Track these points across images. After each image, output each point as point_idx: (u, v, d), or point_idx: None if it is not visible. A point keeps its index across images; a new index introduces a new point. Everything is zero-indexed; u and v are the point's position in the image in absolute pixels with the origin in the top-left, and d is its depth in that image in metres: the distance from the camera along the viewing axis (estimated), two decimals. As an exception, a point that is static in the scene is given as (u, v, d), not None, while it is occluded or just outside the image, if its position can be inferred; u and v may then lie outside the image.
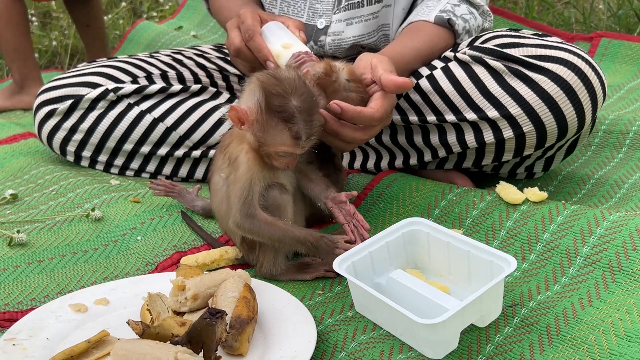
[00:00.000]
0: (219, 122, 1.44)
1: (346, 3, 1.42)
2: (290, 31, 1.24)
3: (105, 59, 1.63)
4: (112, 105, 1.46)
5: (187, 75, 1.56)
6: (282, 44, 1.21)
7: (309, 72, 1.14)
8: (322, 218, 1.28)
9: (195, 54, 1.62)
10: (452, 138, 1.30)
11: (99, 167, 1.51)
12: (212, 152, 1.45)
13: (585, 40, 2.08)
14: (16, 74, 2.10)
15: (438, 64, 1.32)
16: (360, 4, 1.41)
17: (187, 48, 1.65)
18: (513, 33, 1.32)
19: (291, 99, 1.00)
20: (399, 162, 1.42)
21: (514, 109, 1.21)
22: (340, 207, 1.11)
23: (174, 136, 1.45)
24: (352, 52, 1.51)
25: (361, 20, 1.44)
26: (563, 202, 1.19)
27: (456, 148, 1.31)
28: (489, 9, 1.44)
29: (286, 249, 1.10)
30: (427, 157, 1.37)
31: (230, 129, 1.15)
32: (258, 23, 1.23)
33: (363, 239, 1.07)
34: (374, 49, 1.52)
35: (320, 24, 1.44)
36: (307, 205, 1.20)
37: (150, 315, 0.98)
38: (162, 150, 1.47)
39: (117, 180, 1.46)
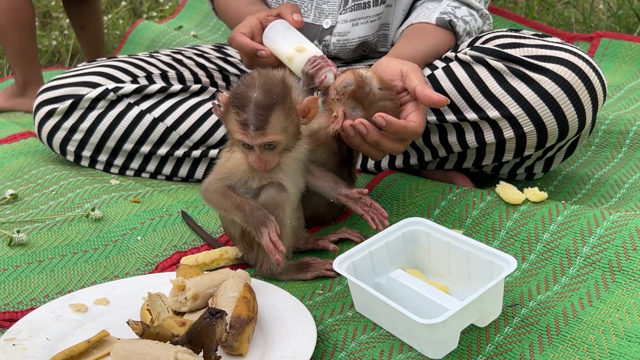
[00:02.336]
0: (219, 122, 1.44)
1: (353, 3, 1.42)
2: (296, 30, 1.24)
3: (105, 58, 1.63)
4: (112, 105, 1.46)
5: (187, 75, 1.56)
6: (294, 47, 1.20)
7: (326, 77, 1.14)
8: (323, 219, 1.28)
9: (195, 54, 1.62)
10: (452, 138, 1.30)
11: (99, 166, 1.51)
12: (212, 152, 1.46)
13: (585, 40, 2.08)
14: (19, 77, 2.09)
15: (439, 64, 1.33)
16: (367, 5, 1.41)
17: (187, 48, 1.65)
18: (513, 33, 1.32)
19: (252, 91, 1.00)
20: (399, 162, 1.42)
21: (515, 109, 1.21)
22: (355, 201, 1.12)
23: (174, 136, 1.45)
24: (356, 54, 1.51)
25: (367, 21, 1.44)
26: (563, 202, 1.19)
27: (456, 148, 1.31)
28: (488, 12, 1.45)
29: (229, 216, 1.10)
30: (427, 157, 1.37)
31: None
32: (251, 48, 1.24)
33: (384, 227, 1.08)
34: (373, 49, 1.52)
35: (326, 24, 1.44)
36: (307, 206, 1.20)
37: (150, 315, 0.98)
38: (162, 150, 1.47)
39: (117, 180, 1.46)
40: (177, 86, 1.49)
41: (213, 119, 1.45)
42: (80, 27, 2.35)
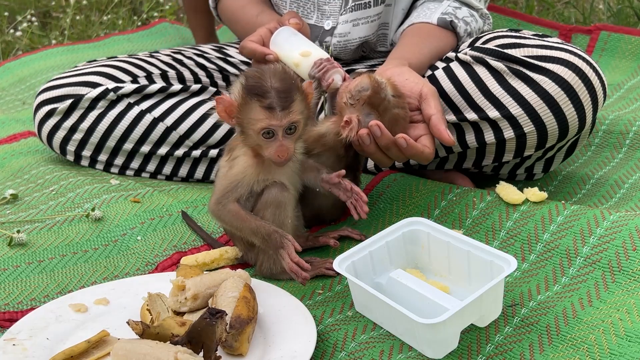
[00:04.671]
0: (219, 122, 1.44)
1: (353, 4, 1.42)
2: (301, 35, 1.24)
3: (105, 58, 1.63)
4: (112, 104, 1.46)
5: (187, 75, 1.56)
6: (300, 52, 1.20)
7: (333, 80, 1.14)
8: (323, 219, 1.28)
9: (195, 54, 1.62)
10: (452, 138, 1.30)
11: (99, 166, 1.51)
12: (212, 152, 1.46)
13: (584, 33, 2.05)
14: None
15: (439, 64, 1.33)
16: (368, 5, 1.41)
17: (187, 48, 1.66)
18: (514, 33, 1.32)
19: (267, 80, 1.02)
20: (399, 163, 1.42)
21: (515, 109, 1.22)
22: (336, 186, 1.12)
23: (174, 136, 1.45)
24: (356, 55, 1.51)
25: (367, 21, 1.44)
26: (563, 202, 1.19)
27: (456, 148, 1.31)
28: (487, 12, 1.45)
29: (245, 238, 1.10)
30: (427, 157, 1.37)
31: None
32: (260, 52, 1.24)
33: (366, 214, 1.09)
34: (372, 49, 1.52)
35: (327, 25, 1.45)
36: (310, 207, 1.20)
37: (150, 315, 0.98)
38: (162, 150, 1.47)
39: (117, 180, 1.46)
40: (177, 86, 1.49)
41: (213, 119, 1.45)
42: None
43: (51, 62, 2.30)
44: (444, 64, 1.32)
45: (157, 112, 1.45)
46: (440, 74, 1.29)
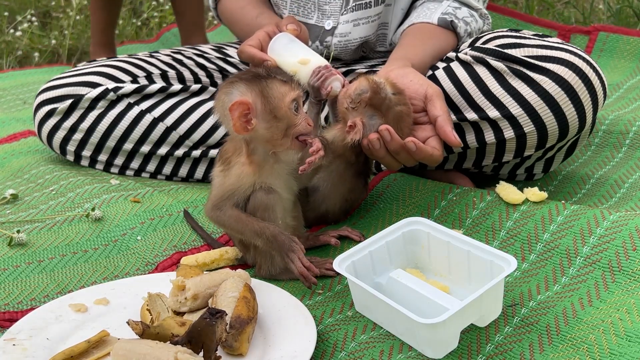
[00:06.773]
0: (219, 122, 1.44)
1: (354, 4, 1.42)
2: (299, 41, 1.24)
3: (105, 58, 1.63)
4: (112, 104, 1.46)
5: (187, 75, 1.56)
6: (298, 59, 1.20)
7: (332, 88, 1.14)
8: (324, 219, 1.28)
9: (195, 54, 1.62)
10: (452, 138, 1.30)
11: (99, 166, 1.51)
12: (212, 152, 1.46)
13: (583, 34, 2.06)
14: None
15: (440, 64, 1.33)
16: (368, 5, 1.42)
17: (187, 48, 1.66)
18: (514, 34, 1.32)
19: (254, 71, 1.06)
20: (408, 166, 1.42)
21: (515, 109, 1.22)
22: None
23: (174, 136, 1.45)
24: (356, 55, 1.51)
25: (368, 21, 1.44)
26: (563, 202, 1.19)
27: (457, 148, 1.31)
28: (487, 12, 1.45)
29: (248, 240, 1.10)
30: (427, 157, 1.37)
31: (224, 143, 1.15)
32: (259, 58, 1.25)
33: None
34: (372, 49, 1.52)
35: (328, 25, 1.45)
36: (315, 209, 1.20)
37: (150, 315, 0.98)
38: (162, 150, 1.47)
39: (117, 180, 1.46)
40: (177, 86, 1.49)
41: (213, 119, 1.45)
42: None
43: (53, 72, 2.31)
44: (444, 64, 1.32)
45: (157, 112, 1.45)
46: (440, 74, 1.29)
